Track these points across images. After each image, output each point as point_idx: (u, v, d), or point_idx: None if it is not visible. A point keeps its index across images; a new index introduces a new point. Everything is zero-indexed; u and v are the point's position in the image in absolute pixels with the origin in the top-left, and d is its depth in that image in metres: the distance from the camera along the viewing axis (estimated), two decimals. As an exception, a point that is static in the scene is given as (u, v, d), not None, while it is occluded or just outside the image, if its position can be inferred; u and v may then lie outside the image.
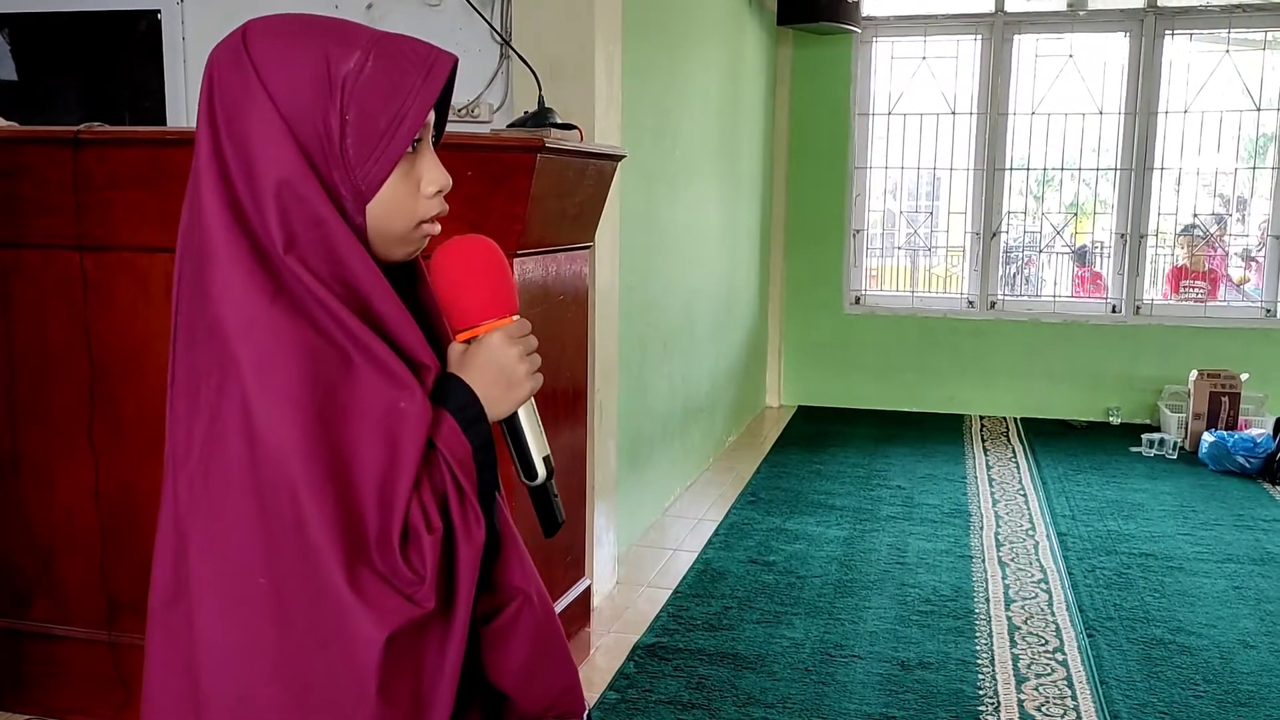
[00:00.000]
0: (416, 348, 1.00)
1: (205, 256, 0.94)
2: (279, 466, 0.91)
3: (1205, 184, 6.12)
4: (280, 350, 0.92)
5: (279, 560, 0.92)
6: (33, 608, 2.53)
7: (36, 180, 2.39)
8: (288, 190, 0.94)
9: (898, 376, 6.20)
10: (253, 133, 0.95)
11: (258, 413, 0.91)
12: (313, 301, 0.94)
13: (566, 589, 2.91)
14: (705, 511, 4.27)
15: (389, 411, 0.95)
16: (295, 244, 0.95)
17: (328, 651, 0.91)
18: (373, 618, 0.91)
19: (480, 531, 0.99)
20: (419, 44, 1.00)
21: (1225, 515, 4.25)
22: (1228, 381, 5.27)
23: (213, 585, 0.94)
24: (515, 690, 1.11)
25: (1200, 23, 5.76)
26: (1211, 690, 2.77)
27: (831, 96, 6.13)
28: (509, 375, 1.04)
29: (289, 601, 0.92)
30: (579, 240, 2.80)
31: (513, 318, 1.07)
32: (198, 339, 0.95)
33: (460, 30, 3.32)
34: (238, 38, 0.98)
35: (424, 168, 1.02)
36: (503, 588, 1.09)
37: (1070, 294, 6.29)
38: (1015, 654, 2.97)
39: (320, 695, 0.92)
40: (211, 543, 0.93)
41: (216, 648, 0.94)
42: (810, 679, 2.80)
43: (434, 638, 0.97)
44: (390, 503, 0.94)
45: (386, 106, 0.97)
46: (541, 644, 1.12)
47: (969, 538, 3.94)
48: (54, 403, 2.48)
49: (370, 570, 0.92)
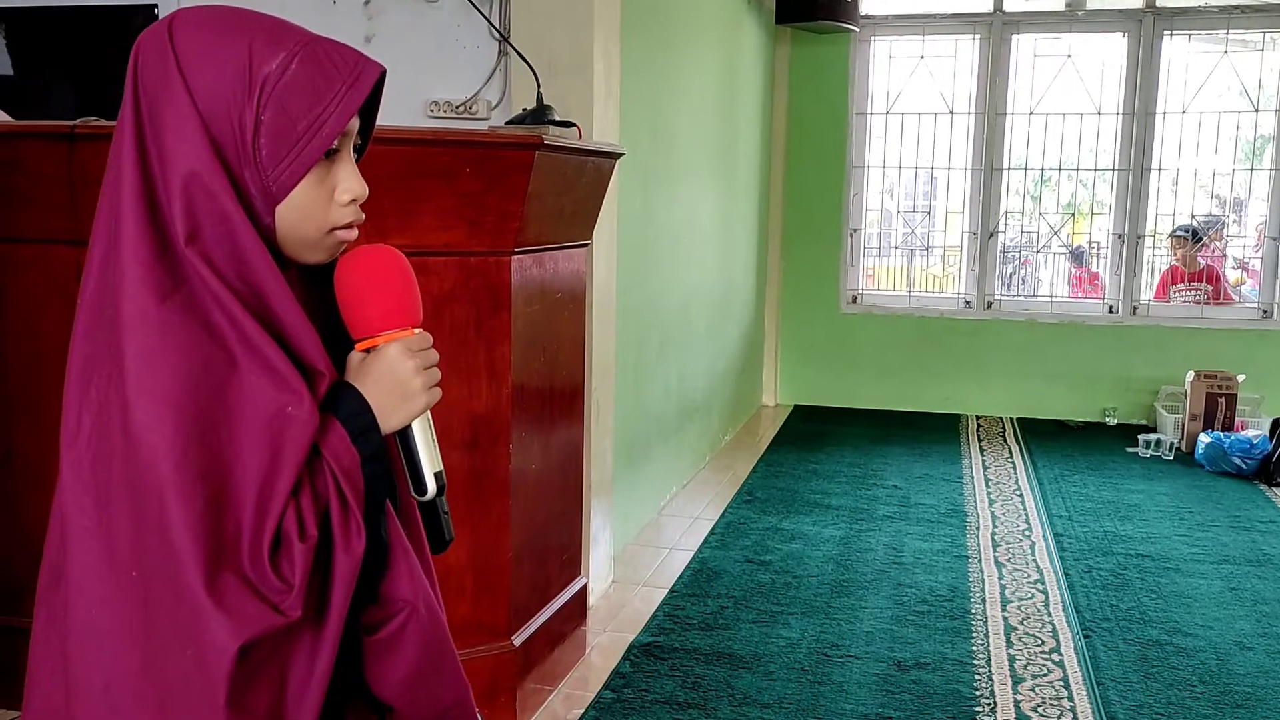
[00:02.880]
0: (312, 353, 0.99)
1: (115, 244, 0.95)
2: (150, 467, 0.90)
3: (1203, 185, 6.12)
4: (166, 349, 0.92)
5: (147, 556, 0.91)
6: (25, 604, 2.52)
7: (31, 175, 2.38)
8: (195, 183, 0.94)
9: (894, 376, 6.20)
10: (167, 122, 0.95)
11: (135, 411, 0.91)
12: (209, 297, 0.94)
13: (562, 588, 2.90)
14: (701, 510, 4.26)
15: (274, 415, 0.94)
16: (198, 238, 0.94)
17: (184, 652, 0.91)
18: (228, 625, 0.90)
19: (360, 542, 0.98)
20: (349, 51, 1.00)
21: (1222, 516, 4.25)
22: (1224, 383, 5.27)
23: (89, 572, 0.93)
24: (399, 702, 1.10)
25: (1199, 23, 5.75)
26: (1208, 691, 2.76)
27: (829, 95, 6.12)
28: (405, 387, 1.03)
29: (155, 598, 0.91)
30: (576, 238, 2.79)
31: (414, 330, 1.06)
32: (99, 326, 0.95)
33: (459, 26, 3.31)
34: (165, 25, 0.97)
35: (340, 176, 1.02)
36: (389, 600, 1.07)
37: (1067, 295, 6.29)
38: (1011, 654, 2.97)
39: (179, 694, 0.92)
40: (89, 531, 0.93)
41: (88, 635, 0.94)
42: (806, 679, 2.79)
43: (303, 647, 0.96)
44: (265, 508, 0.93)
45: (306, 111, 0.96)
46: (429, 656, 1.10)
47: (965, 538, 3.94)
48: (47, 398, 2.46)
49: (235, 576, 0.91)
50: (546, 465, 2.71)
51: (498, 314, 2.38)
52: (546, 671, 2.76)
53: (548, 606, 2.78)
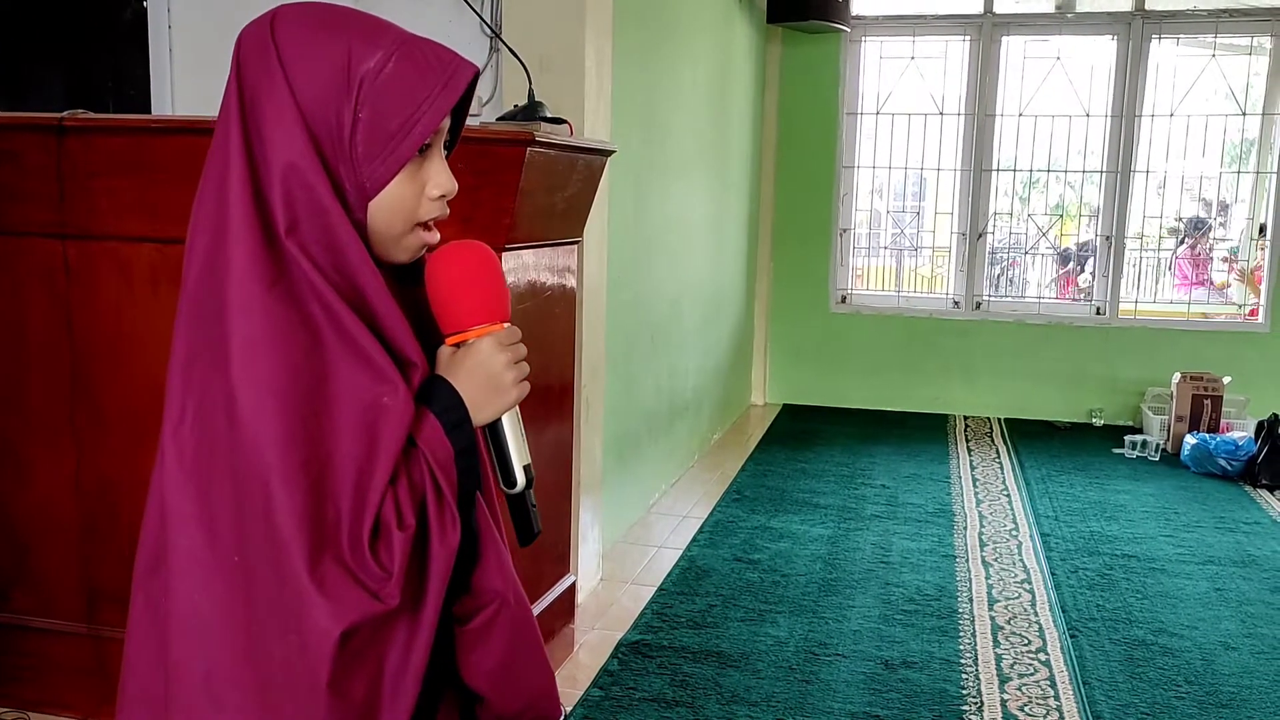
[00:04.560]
0: (406, 346, 1.00)
1: (221, 233, 0.95)
2: (255, 453, 0.91)
3: (1189, 188, 6.16)
4: (271, 337, 0.93)
5: (249, 542, 0.92)
6: (11, 600, 2.51)
7: (19, 167, 2.36)
8: (294, 175, 0.96)
9: (883, 376, 6.21)
10: (268, 114, 0.96)
11: (240, 398, 0.92)
12: (307, 288, 0.95)
13: (551, 585, 2.89)
14: (690, 509, 4.26)
15: (371, 405, 0.96)
16: (297, 228, 0.96)
17: (287, 638, 0.92)
18: (330, 610, 0.91)
19: (455, 534, 1.00)
20: (444, 51, 1.01)
21: (1207, 517, 4.27)
22: (1210, 384, 5.30)
23: (191, 557, 0.94)
24: (490, 692, 1.12)
25: (1187, 27, 5.78)
26: (1193, 691, 2.78)
27: (820, 95, 6.13)
28: (496, 381, 1.05)
29: (258, 584, 0.92)
30: (567, 235, 2.78)
31: (503, 325, 1.07)
32: (203, 314, 0.95)
33: (450, 23, 3.30)
34: (268, 19, 0.99)
35: (431, 171, 1.03)
36: (481, 591, 1.09)
37: (1055, 296, 6.31)
38: (998, 654, 2.98)
39: (281, 680, 0.93)
40: (192, 516, 0.94)
41: (189, 619, 0.94)
42: (794, 677, 2.79)
43: (399, 635, 0.97)
44: (364, 497, 0.94)
45: (401, 109, 0.98)
46: (518, 648, 1.12)
47: (953, 537, 3.95)
48: (34, 393, 2.45)
49: (336, 562, 0.92)
50: (535, 462, 2.70)
51: (488, 311, 2.37)
52: (534, 669, 2.75)
53: (536, 604, 2.77)
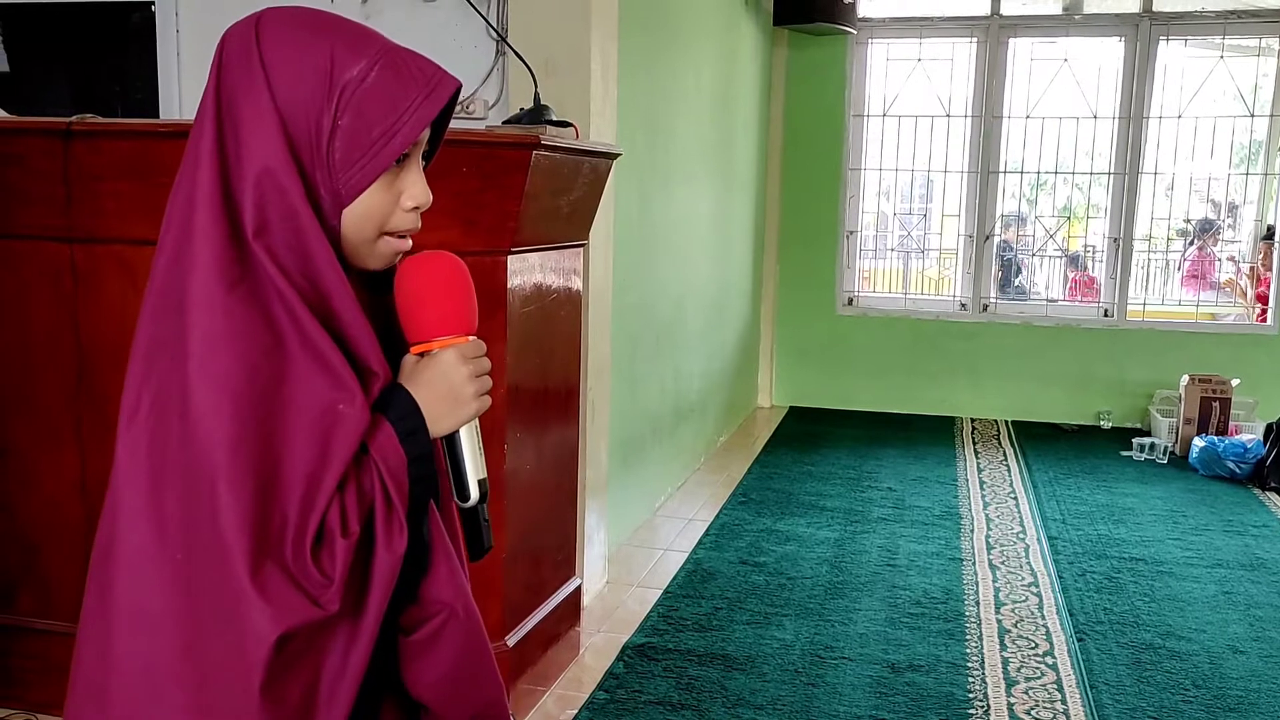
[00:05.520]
0: (369, 354, 1.01)
1: (187, 230, 0.96)
2: (205, 453, 0.92)
3: (1197, 189, 6.14)
4: (230, 335, 0.93)
5: (194, 541, 0.92)
6: (17, 602, 2.51)
7: (27, 170, 2.37)
8: (268, 179, 0.96)
9: (889, 378, 6.20)
10: (246, 117, 0.96)
11: (195, 395, 0.92)
12: (272, 291, 0.95)
13: (556, 588, 2.89)
14: (696, 511, 4.26)
15: (326, 411, 0.96)
16: (266, 232, 0.96)
17: (225, 638, 0.92)
18: (269, 613, 0.91)
19: (402, 542, 0.99)
20: (426, 63, 1.02)
21: (1215, 520, 4.26)
22: (1219, 387, 5.28)
23: (139, 553, 0.94)
24: (434, 703, 1.12)
25: (1195, 28, 5.76)
26: (1201, 695, 2.77)
27: (826, 97, 6.12)
28: (456, 393, 1.04)
29: (200, 583, 0.92)
30: (573, 238, 2.78)
31: (468, 337, 1.07)
32: (166, 310, 0.96)
33: (456, 26, 3.30)
34: (252, 22, 1.00)
35: (407, 182, 1.03)
36: (429, 601, 1.08)
37: (1063, 297, 6.30)
38: (1005, 657, 2.97)
39: (217, 679, 0.93)
40: (140, 511, 0.94)
41: (132, 612, 0.95)
42: (800, 680, 2.79)
43: (338, 642, 0.97)
44: (311, 502, 0.94)
45: (381, 118, 0.98)
46: (465, 659, 1.11)
47: (959, 540, 3.94)
48: (40, 395, 2.46)
49: (278, 567, 0.92)
50: (541, 466, 2.71)
51: (493, 314, 2.38)
52: (540, 672, 2.75)
53: (542, 607, 2.77)
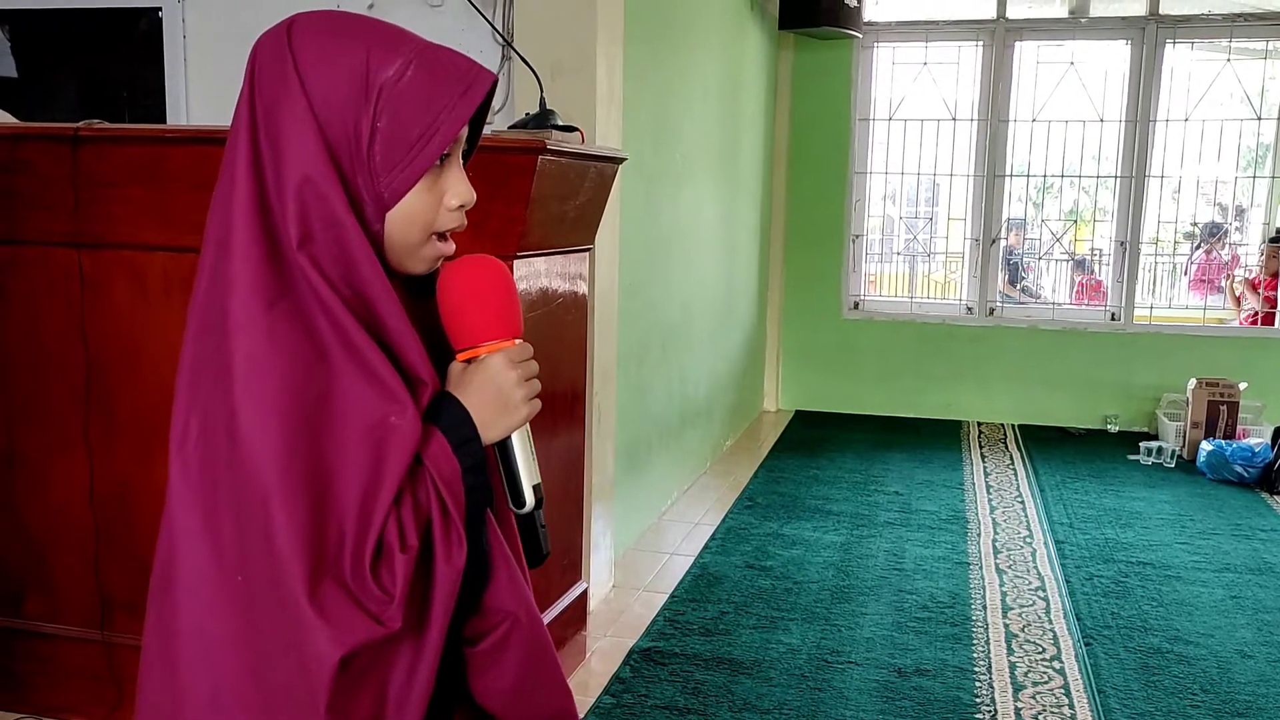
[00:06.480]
0: (416, 363, 0.98)
1: (225, 247, 0.94)
2: (255, 473, 0.90)
3: (1204, 193, 6.13)
4: (272, 355, 0.92)
5: (251, 562, 0.91)
6: (25, 606, 2.52)
7: (35, 177, 2.38)
8: (309, 188, 0.94)
9: (896, 382, 6.20)
10: (284, 126, 0.94)
11: (242, 416, 0.91)
12: (316, 303, 0.93)
13: (562, 592, 2.89)
14: (702, 516, 4.26)
15: (377, 424, 0.94)
16: (309, 242, 0.94)
17: (288, 660, 0.91)
18: (330, 634, 0.89)
19: (461, 554, 0.97)
20: (461, 59, 1.00)
21: (1223, 524, 4.24)
22: (1226, 390, 5.27)
23: (197, 576, 0.93)
24: (503, 713, 1.10)
25: (1202, 31, 5.76)
26: (1209, 700, 2.76)
27: (832, 101, 6.12)
28: (506, 398, 1.02)
29: (260, 604, 0.91)
30: (579, 242, 2.79)
31: (515, 341, 1.05)
32: (209, 329, 0.94)
33: (462, 30, 3.31)
34: (284, 29, 0.98)
35: (449, 181, 1.01)
36: (492, 610, 1.07)
37: (1070, 301, 6.29)
38: (1012, 662, 2.96)
39: (284, 701, 0.92)
40: (197, 534, 0.93)
41: (196, 639, 0.93)
42: (806, 685, 2.79)
43: (403, 658, 0.96)
44: (367, 518, 0.92)
45: (420, 118, 0.96)
46: (532, 668, 1.10)
47: (966, 544, 3.94)
48: (49, 401, 2.46)
49: (337, 585, 0.91)
50: (547, 470, 2.70)
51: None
52: (546, 676, 2.75)
53: (548, 611, 2.77)
